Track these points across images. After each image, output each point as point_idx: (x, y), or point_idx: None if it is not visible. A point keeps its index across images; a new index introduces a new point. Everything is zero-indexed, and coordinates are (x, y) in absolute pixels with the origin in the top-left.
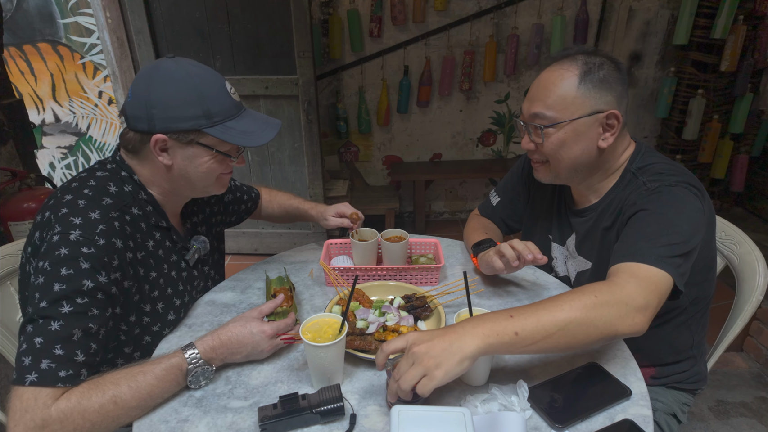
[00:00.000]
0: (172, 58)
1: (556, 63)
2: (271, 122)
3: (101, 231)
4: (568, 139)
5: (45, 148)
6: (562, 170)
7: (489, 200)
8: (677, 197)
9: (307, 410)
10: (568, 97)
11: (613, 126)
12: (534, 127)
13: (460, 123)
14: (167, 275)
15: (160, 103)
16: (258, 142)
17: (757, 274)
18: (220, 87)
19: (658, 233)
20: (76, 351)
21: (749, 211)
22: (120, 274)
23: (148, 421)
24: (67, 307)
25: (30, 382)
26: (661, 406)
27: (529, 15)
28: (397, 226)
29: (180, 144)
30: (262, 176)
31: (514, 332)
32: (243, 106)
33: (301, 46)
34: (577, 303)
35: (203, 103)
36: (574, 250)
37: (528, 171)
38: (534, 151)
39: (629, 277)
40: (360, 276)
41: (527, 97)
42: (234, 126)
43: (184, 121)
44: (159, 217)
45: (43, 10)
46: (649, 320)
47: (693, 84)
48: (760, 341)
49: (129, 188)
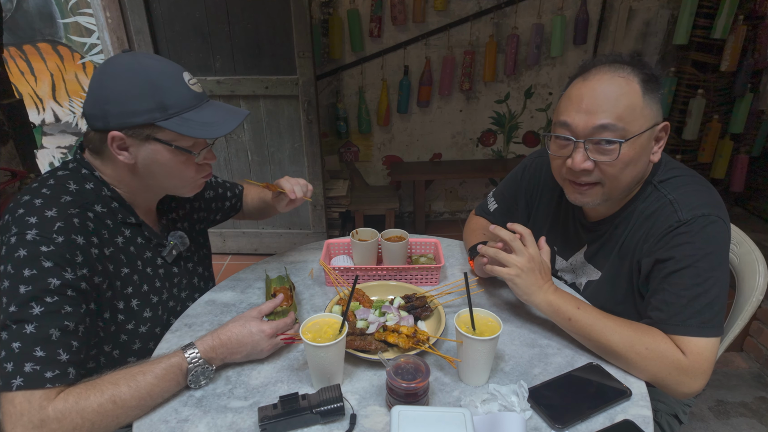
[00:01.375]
0: (128, 52)
1: (605, 70)
2: (236, 112)
3: (59, 228)
4: (635, 156)
5: (45, 148)
6: (618, 192)
7: (486, 204)
8: (709, 238)
9: (307, 410)
10: (637, 108)
11: (662, 138)
12: (596, 143)
13: (460, 123)
14: (142, 272)
15: (112, 98)
16: (218, 133)
17: (757, 274)
18: (177, 78)
19: (696, 293)
20: (57, 351)
21: (749, 211)
22: (87, 270)
23: (148, 421)
24: (38, 308)
25: (17, 387)
26: (662, 407)
27: (529, 15)
28: (397, 226)
29: (138, 141)
30: (262, 176)
31: (568, 318)
32: (206, 97)
33: (301, 46)
34: (627, 341)
35: (156, 95)
36: (582, 262)
37: (528, 180)
38: (591, 171)
39: (677, 351)
40: (360, 276)
41: (577, 109)
42: (192, 117)
43: (138, 115)
44: (127, 214)
45: (43, 10)
46: (704, 384)
47: (693, 84)
48: (760, 341)
49: (91, 185)
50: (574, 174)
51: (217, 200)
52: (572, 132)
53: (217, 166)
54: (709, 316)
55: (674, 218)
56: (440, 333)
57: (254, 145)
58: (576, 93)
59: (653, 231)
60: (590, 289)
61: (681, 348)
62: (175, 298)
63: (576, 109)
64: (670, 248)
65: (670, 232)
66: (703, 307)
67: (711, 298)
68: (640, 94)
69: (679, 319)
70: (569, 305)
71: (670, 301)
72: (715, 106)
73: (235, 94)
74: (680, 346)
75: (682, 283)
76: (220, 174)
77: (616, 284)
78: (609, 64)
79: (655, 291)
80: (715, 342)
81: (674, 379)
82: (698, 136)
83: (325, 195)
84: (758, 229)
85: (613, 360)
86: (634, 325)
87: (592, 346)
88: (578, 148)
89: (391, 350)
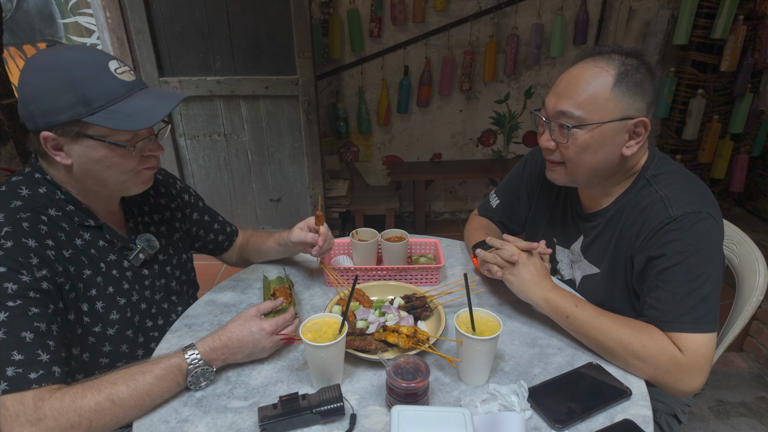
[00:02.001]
0: (49, 47)
1: (590, 59)
2: (170, 96)
3: (6, 233)
4: (593, 143)
5: None
6: (580, 175)
7: (489, 202)
8: (700, 235)
9: (307, 410)
10: (600, 98)
11: (640, 134)
12: (559, 125)
13: (460, 123)
14: (106, 274)
15: (33, 97)
16: (146, 123)
17: (757, 274)
18: (101, 68)
19: (689, 289)
20: (36, 352)
21: (749, 211)
22: (47, 271)
23: (148, 421)
24: (3, 314)
25: (3, 391)
26: (662, 406)
27: (529, 15)
28: (397, 226)
29: (69, 139)
30: (262, 176)
31: (566, 316)
32: (139, 85)
33: (301, 46)
34: (624, 339)
35: (77, 89)
36: (580, 254)
37: (529, 173)
38: (553, 150)
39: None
40: (360, 276)
41: (554, 92)
42: (119, 109)
43: (61, 113)
44: (84, 217)
45: (43, 10)
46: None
47: (693, 84)
48: (760, 341)
49: (44, 190)
50: (543, 150)
51: (201, 227)
52: (545, 112)
53: (217, 166)
54: (704, 312)
55: (665, 214)
56: (440, 333)
57: (254, 145)
58: (560, 77)
59: (645, 227)
60: (588, 285)
61: (678, 345)
62: (148, 300)
63: (552, 92)
64: (662, 245)
65: (661, 229)
66: (697, 303)
67: (704, 294)
68: (609, 85)
69: (673, 316)
70: (567, 303)
71: (663, 298)
72: (715, 106)
73: (235, 94)
74: (677, 343)
75: (674, 279)
76: (221, 174)
77: (613, 279)
78: (596, 54)
79: (649, 289)
80: (711, 338)
81: (673, 377)
82: (698, 136)
83: (325, 195)
84: (758, 229)
85: (611, 358)
86: (632, 323)
87: (590, 344)
88: (546, 128)
89: (391, 350)
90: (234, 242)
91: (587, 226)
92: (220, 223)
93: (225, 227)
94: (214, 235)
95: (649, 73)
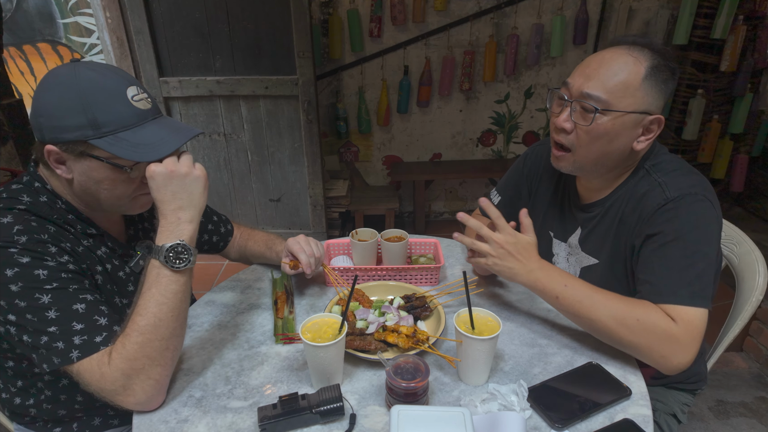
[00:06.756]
0: (72, 63)
1: (624, 47)
2: (183, 130)
3: (18, 230)
4: (611, 131)
5: None
6: (588, 163)
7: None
8: (696, 214)
9: (306, 410)
10: (630, 87)
11: (652, 131)
12: (582, 107)
13: (460, 123)
14: (112, 275)
15: (44, 111)
16: (150, 156)
17: (757, 274)
18: (118, 94)
19: (685, 265)
20: (94, 318)
21: (749, 211)
22: (68, 256)
23: (148, 421)
24: (46, 297)
25: (77, 358)
26: (661, 406)
27: (529, 15)
28: (397, 226)
29: (73, 156)
30: (262, 176)
31: (555, 296)
32: (153, 114)
33: (300, 46)
34: (618, 314)
35: (88, 112)
36: (577, 246)
37: (530, 167)
38: (569, 132)
39: (668, 320)
40: (360, 276)
41: (581, 72)
42: (127, 137)
43: (69, 132)
44: (85, 225)
45: (43, 10)
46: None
47: (693, 84)
48: (760, 341)
49: (44, 198)
50: (556, 131)
51: None
52: (568, 92)
53: (217, 166)
54: (700, 288)
55: (662, 197)
56: (440, 333)
57: (254, 145)
58: (589, 58)
59: (644, 213)
60: (587, 276)
61: (672, 316)
62: None
63: (579, 72)
64: (659, 224)
65: (659, 209)
66: (693, 279)
67: (699, 271)
68: (641, 76)
69: (669, 290)
70: (555, 283)
71: (659, 272)
72: (715, 106)
73: (235, 94)
74: (671, 315)
75: (671, 255)
76: (220, 174)
77: (613, 268)
78: (630, 43)
79: (644, 265)
80: (704, 313)
81: (666, 350)
82: (698, 136)
83: (325, 195)
84: (758, 229)
85: (602, 336)
86: (624, 298)
87: (581, 324)
88: (566, 107)
89: (391, 350)
90: (229, 242)
91: (585, 217)
92: (215, 224)
93: (219, 227)
94: (209, 236)
95: (672, 75)
